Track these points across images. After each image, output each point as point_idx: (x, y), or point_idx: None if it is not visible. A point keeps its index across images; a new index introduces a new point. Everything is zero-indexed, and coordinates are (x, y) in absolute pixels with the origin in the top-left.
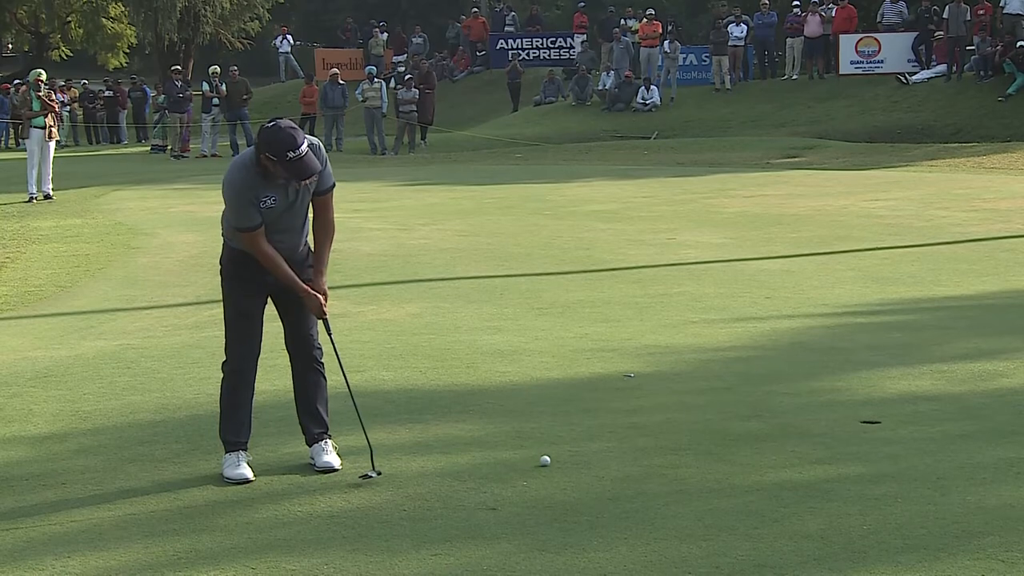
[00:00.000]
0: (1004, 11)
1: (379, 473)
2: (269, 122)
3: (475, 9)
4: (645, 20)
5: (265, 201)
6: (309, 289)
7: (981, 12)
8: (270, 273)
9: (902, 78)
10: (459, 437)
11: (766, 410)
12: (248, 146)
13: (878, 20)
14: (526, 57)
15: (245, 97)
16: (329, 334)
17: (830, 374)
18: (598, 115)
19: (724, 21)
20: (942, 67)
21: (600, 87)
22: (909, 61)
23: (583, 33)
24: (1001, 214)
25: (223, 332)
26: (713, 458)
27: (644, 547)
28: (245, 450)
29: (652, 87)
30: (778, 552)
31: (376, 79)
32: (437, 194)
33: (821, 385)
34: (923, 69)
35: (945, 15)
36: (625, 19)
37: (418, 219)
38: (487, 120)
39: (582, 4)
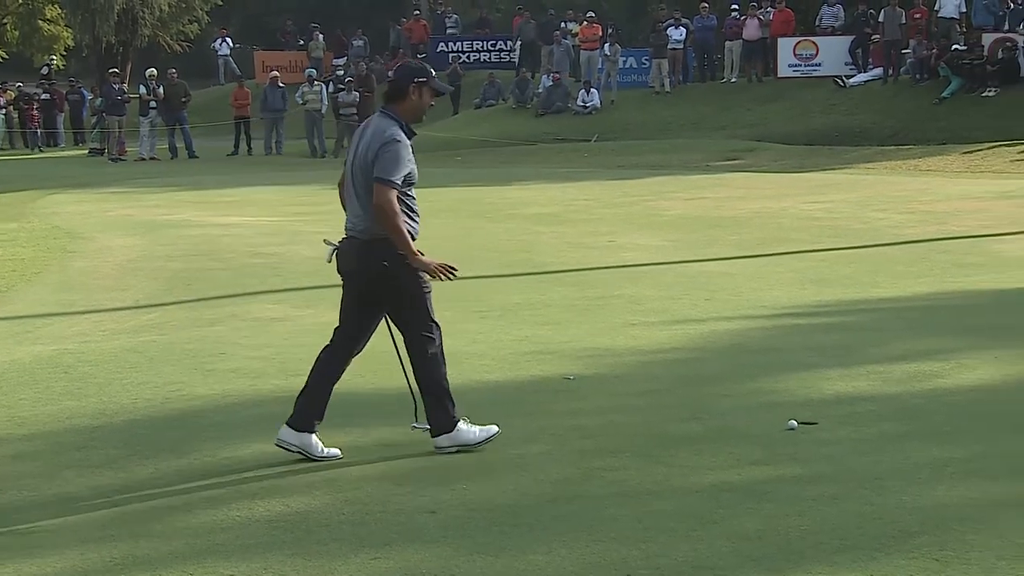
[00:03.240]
0: (939, 15)
1: (428, 427)
2: (394, 69)
3: (416, 12)
4: (585, 23)
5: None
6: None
7: (917, 16)
8: (388, 228)
9: (839, 81)
10: (399, 441)
11: (705, 412)
12: (188, 148)
13: (816, 23)
14: (466, 60)
15: (184, 100)
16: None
17: (768, 375)
18: (538, 118)
19: (664, 24)
20: (878, 70)
21: (540, 90)
22: (846, 64)
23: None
24: (937, 216)
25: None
26: (652, 460)
27: (583, 549)
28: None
29: (592, 90)
30: (716, 553)
31: (316, 82)
32: None
33: (759, 386)
34: (860, 72)
35: (881, 19)
36: (565, 22)
37: None
38: (427, 123)
39: (519, 7)
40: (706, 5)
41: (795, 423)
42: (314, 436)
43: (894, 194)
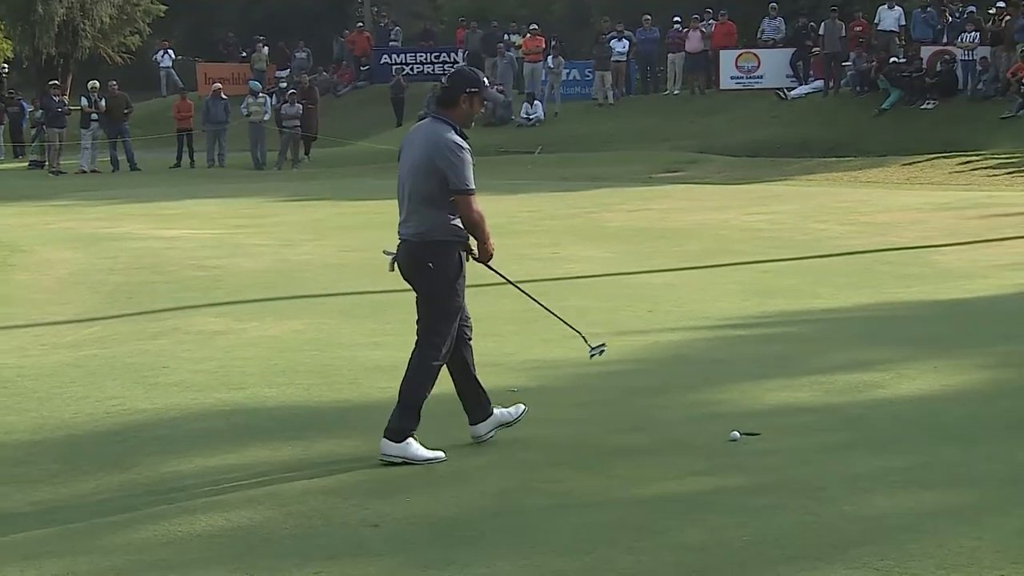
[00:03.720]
0: (878, 28)
1: (602, 346)
2: (449, 75)
3: (359, 24)
4: (529, 35)
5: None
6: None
7: (858, 28)
8: (480, 238)
9: (781, 93)
10: (342, 454)
11: (647, 423)
12: (130, 161)
13: (757, 36)
14: (410, 72)
15: (126, 112)
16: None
17: (711, 386)
18: (482, 130)
19: (607, 36)
20: (819, 83)
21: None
22: (787, 76)
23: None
24: (878, 227)
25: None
26: (594, 471)
27: (525, 561)
28: None
29: (536, 102)
30: (659, 564)
31: (261, 94)
32: (321, 209)
33: (702, 397)
34: (801, 84)
35: (821, 31)
36: (509, 34)
37: (302, 235)
38: (371, 135)
39: (462, 19)
40: (649, 18)
41: (737, 434)
42: (497, 410)
43: (835, 205)
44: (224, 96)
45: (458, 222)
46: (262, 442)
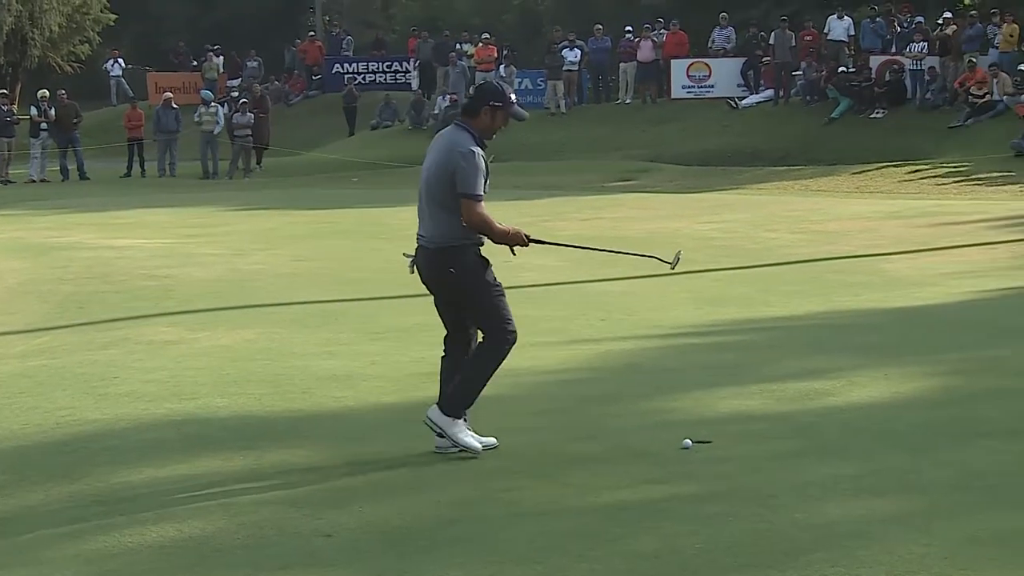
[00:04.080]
0: (828, 38)
1: (689, 444)
2: (476, 87)
3: (311, 33)
4: (481, 44)
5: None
6: (515, 230)
7: (808, 38)
8: (493, 238)
9: (732, 102)
10: (294, 463)
11: (601, 431)
12: (80, 170)
13: (708, 45)
14: (362, 81)
15: (75, 121)
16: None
17: (663, 395)
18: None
19: (559, 46)
20: (770, 92)
21: (436, 111)
22: (738, 86)
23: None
24: (828, 236)
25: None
26: (548, 480)
27: (479, 570)
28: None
29: None
30: (613, 572)
31: (213, 103)
32: (273, 219)
33: (655, 406)
34: (752, 94)
35: (772, 41)
36: (461, 43)
37: (253, 244)
38: (323, 144)
39: (414, 29)
40: (600, 27)
41: (690, 442)
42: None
43: (786, 214)
44: (175, 105)
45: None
46: (213, 452)
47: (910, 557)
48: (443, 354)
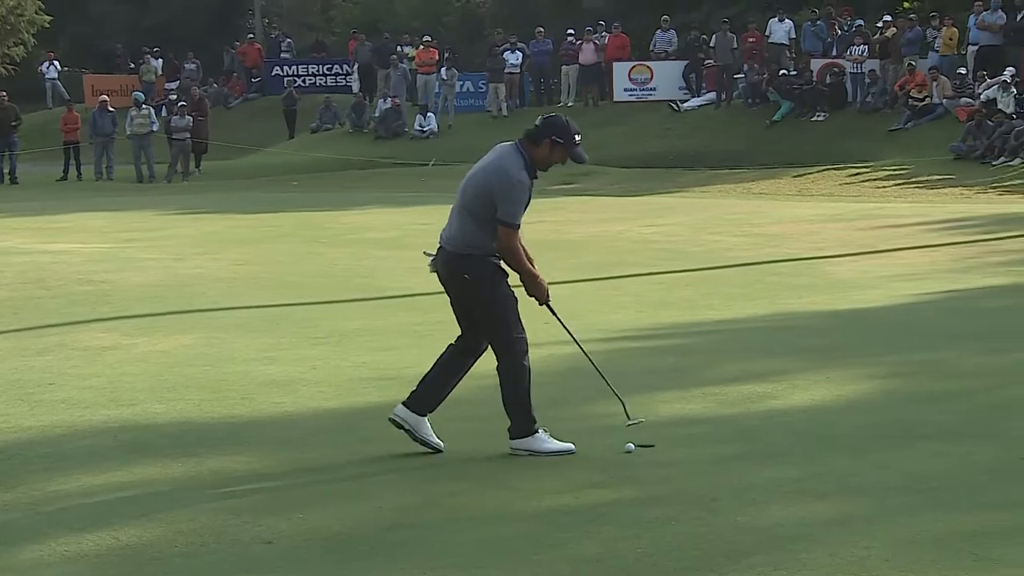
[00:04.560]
0: (769, 41)
1: (640, 421)
2: (545, 116)
3: (250, 35)
4: (422, 47)
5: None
6: (542, 280)
7: (751, 40)
8: (514, 267)
9: (674, 105)
10: (234, 470)
11: None
12: (11, 174)
13: (650, 48)
14: (302, 84)
15: (14, 124)
16: (556, 316)
17: (606, 399)
18: (375, 142)
19: (500, 48)
20: (712, 95)
21: (376, 114)
22: (680, 89)
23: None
24: (770, 239)
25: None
26: (491, 485)
27: None
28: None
29: (429, 114)
30: None
31: (144, 105)
32: (212, 223)
33: (597, 410)
34: (694, 97)
35: (713, 43)
36: (401, 46)
37: (193, 248)
38: (263, 147)
39: (354, 31)
40: (542, 30)
41: (632, 446)
42: (426, 420)
43: (728, 217)
44: (111, 108)
45: (495, 246)
46: (151, 459)
47: (852, 559)
48: (451, 344)
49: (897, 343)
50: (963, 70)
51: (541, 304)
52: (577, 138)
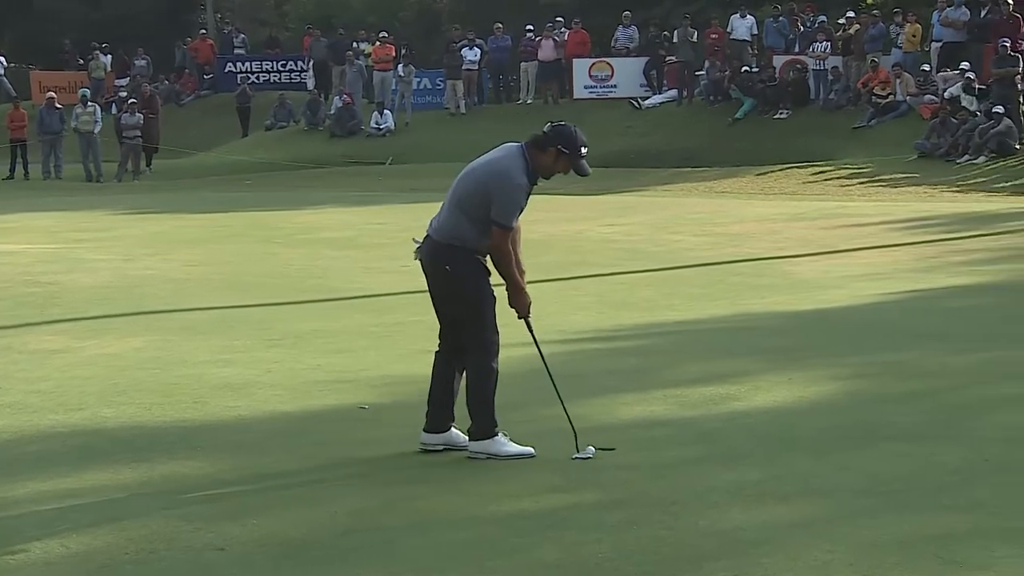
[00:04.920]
0: (731, 37)
1: (591, 452)
2: (554, 124)
3: (202, 31)
4: (378, 43)
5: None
6: (526, 293)
7: (714, 36)
8: (501, 270)
9: (635, 103)
10: (186, 475)
11: None
12: None
13: (611, 45)
14: (256, 80)
15: None
16: (532, 333)
17: (567, 401)
18: (331, 140)
19: (458, 45)
20: (673, 92)
21: (331, 111)
22: (641, 86)
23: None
24: (732, 238)
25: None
26: (449, 489)
27: None
28: None
29: (386, 111)
30: None
31: (91, 102)
32: (163, 223)
33: (557, 412)
34: (655, 94)
35: (675, 40)
36: (357, 42)
37: (143, 249)
38: (216, 145)
39: (308, 27)
40: (500, 26)
41: (593, 449)
42: (453, 430)
43: (690, 216)
44: (59, 105)
45: (482, 240)
46: (101, 465)
47: (814, 563)
48: (436, 351)
49: (860, 343)
50: (927, 67)
51: (520, 318)
52: (583, 151)
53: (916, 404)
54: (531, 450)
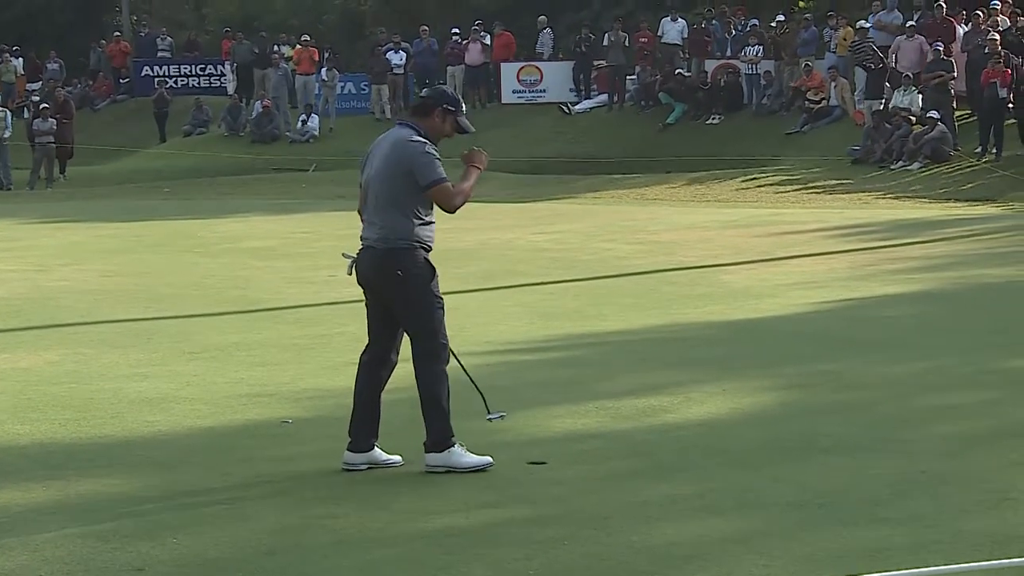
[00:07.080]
0: (662, 41)
1: (503, 415)
2: (430, 87)
3: (117, 33)
4: (300, 46)
5: None
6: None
7: (643, 40)
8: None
9: (564, 108)
10: (103, 493)
11: None
12: None
13: (537, 48)
14: (174, 85)
15: None
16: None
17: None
18: (251, 146)
19: (383, 48)
20: (604, 97)
21: (253, 116)
22: (571, 90)
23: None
24: (664, 246)
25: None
26: (374, 506)
27: None
28: None
29: (313, 115)
30: None
31: (1, 107)
32: (78, 232)
33: (486, 426)
34: (583, 98)
35: (605, 43)
36: (279, 45)
37: (57, 259)
38: (133, 152)
39: (227, 30)
40: (426, 29)
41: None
42: (376, 449)
43: (621, 224)
44: None
45: (424, 230)
46: (13, 483)
47: None
48: (361, 361)
49: (795, 353)
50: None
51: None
52: (464, 107)
53: (851, 415)
54: (489, 459)
